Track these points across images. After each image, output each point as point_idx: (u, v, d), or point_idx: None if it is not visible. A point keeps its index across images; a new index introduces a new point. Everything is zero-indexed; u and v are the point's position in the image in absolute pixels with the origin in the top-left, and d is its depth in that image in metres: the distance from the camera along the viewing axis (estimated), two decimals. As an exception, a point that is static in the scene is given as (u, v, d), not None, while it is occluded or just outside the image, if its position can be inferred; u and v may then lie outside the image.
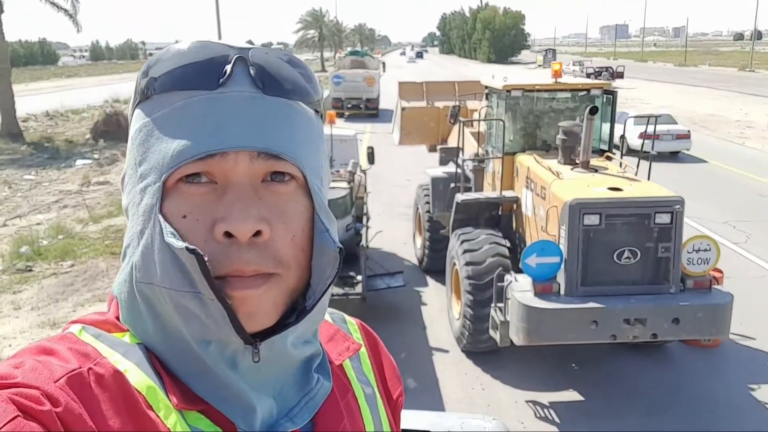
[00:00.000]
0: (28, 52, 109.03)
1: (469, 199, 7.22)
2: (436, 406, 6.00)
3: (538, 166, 6.51)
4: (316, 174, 0.67)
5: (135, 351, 0.64)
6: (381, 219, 11.36)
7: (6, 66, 22.11)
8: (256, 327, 0.62)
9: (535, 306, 5.32)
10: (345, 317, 0.88)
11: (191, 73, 0.62)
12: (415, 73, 61.34)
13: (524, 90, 7.06)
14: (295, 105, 0.66)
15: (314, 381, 0.70)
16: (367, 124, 25.11)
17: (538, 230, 6.33)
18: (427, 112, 10.73)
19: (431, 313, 7.99)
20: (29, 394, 0.54)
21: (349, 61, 30.97)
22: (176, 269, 0.60)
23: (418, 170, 15.25)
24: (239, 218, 0.59)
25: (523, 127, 7.25)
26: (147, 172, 0.63)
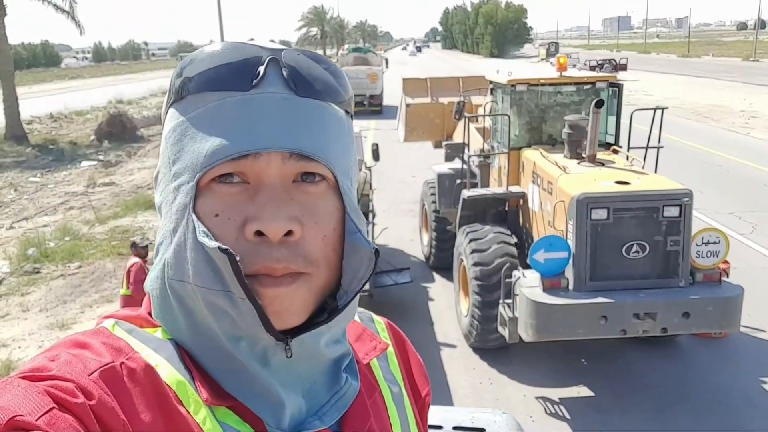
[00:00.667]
0: (31, 54, 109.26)
1: (476, 195, 7.17)
2: (444, 402, 6.01)
3: (544, 160, 6.45)
4: (346, 174, 0.68)
5: (166, 346, 0.65)
6: (387, 216, 11.36)
7: (9, 68, 22.18)
8: (285, 325, 0.63)
9: (544, 302, 5.27)
10: (373, 316, 0.89)
11: (225, 74, 0.63)
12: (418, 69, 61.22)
13: (529, 84, 6.99)
14: (326, 106, 0.67)
15: (343, 380, 0.71)
16: (372, 120, 25.08)
17: (546, 225, 6.28)
18: (432, 108, 10.67)
19: (439, 308, 7.99)
20: (64, 386, 0.56)
21: (351, 58, 30.92)
22: (208, 268, 0.61)
23: (423, 166, 15.24)
24: (271, 218, 0.61)
25: (528, 121, 7.18)
26: (181, 171, 0.64)
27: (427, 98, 11.01)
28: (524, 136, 7.18)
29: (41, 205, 13.09)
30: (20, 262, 9.13)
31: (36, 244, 9.71)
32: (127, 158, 18.73)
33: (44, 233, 10.51)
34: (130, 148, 19.97)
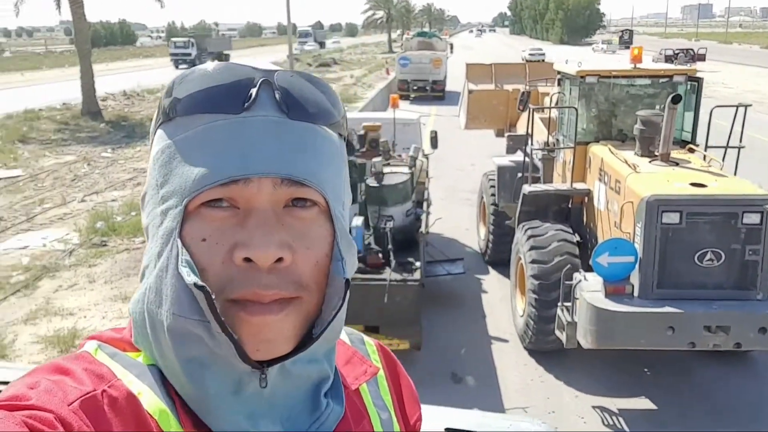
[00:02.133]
0: (109, 33, 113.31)
1: (538, 190, 6.88)
2: (493, 397, 5.95)
3: (612, 157, 6.12)
4: (338, 199, 0.67)
5: (149, 373, 0.64)
6: (443, 204, 11.27)
7: (87, 47, 23.04)
8: (273, 353, 0.62)
9: (606, 308, 4.99)
10: (363, 338, 0.86)
11: (216, 95, 0.62)
12: (483, 55, 60.31)
13: (600, 76, 6.64)
14: (319, 129, 0.65)
15: (324, 405, 0.68)
16: (433, 106, 24.91)
17: (611, 226, 5.98)
18: (496, 95, 10.36)
19: (492, 301, 7.90)
20: (43, 417, 0.54)
21: (416, 42, 30.75)
22: (187, 297, 0.59)
23: (483, 154, 15.03)
24: (261, 244, 0.59)
25: (597, 115, 6.85)
26: (168, 194, 0.63)
27: (491, 85, 10.71)
28: (592, 131, 6.85)
29: (111, 179, 13.61)
30: (89, 234, 9.52)
31: (104, 217, 10.10)
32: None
33: (112, 207, 10.92)
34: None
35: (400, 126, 8.42)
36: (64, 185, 13.09)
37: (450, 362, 6.48)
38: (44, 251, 8.98)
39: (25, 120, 21.46)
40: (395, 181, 6.49)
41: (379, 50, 68.52)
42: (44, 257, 8.69)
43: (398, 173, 6.69)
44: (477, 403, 5.84)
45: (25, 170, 14.48)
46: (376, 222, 6.40)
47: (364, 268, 5.92)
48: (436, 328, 7.06)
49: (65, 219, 10.61)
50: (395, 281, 5.80)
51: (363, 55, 61.43)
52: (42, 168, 14.81)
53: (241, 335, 0.60)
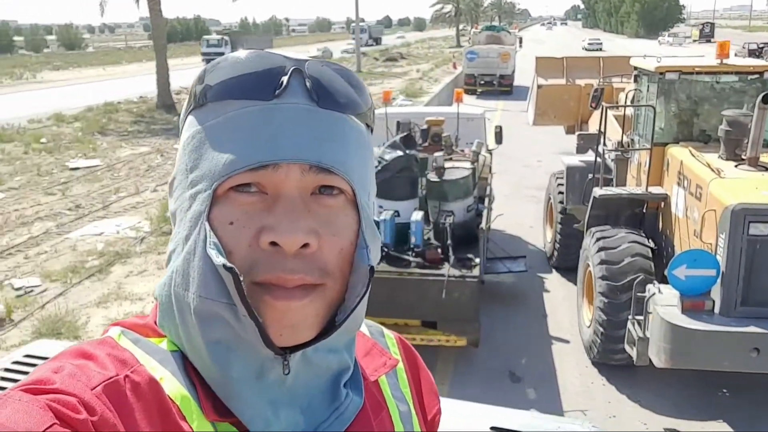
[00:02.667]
0: (184, 29, 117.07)
1: (609, 194, 6.43)
2: (551, 398, 5.82)
3: (694, 160, 5.70)
4: (364, 188, 0.67)
5: (171, 358, 0.65)
6: (507, 201, 11.11)
7: (163, 42, 23.89)
8: (297, 340, 0.62)
9: (683, 325, 4.60)
10: (384, 331, 0.87)
11: (247, 82, 0.63)
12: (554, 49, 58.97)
13: (681, 72, 6.20)
14: (347, 119, 0.66)
15: (344, 395, 0.69)
16: (500, 101, 24.58)
17: (690, 235, 5.58)
18: (567, 90, 9.97)
19: (554, 300, 7.73)
20: (66, 401, 0.55)
21: (484, 36, 30.39)
22: (215, 279, 0.60)
23: (550, 151, 14.73)
24: (288, 230, 0.60)
25: (677, 114, 6.39)
26: (198, 179, 0.63)
27: (562, 79, 10.29)
28: (671, 131, 6.41)
29: (182, 170, 14.07)
30: (159, 223, 9.87)
31: (174, 207, 10.45)
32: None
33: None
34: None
35: (463, 120, 8.33)
36: (138, 175, 13.63)
37: (508, 361, 6.39)
38: (117, 238, 9.37)
39: (104, 112, 22.47)
40: (456, 176, 6.43)
41: (446, 44, 68.08)
42: (117, 244, 9.07)
43: (460, 168, 6.62)
44: (534, 404, 5.73)
45: (103, 160, 15.14)
46: (436, 217, 6.36)
47: (423, 263, 5.90)
48: (495, 325, 6.96)
49: (138, 207, 11.04)
50: (454, 277, 5.74)
51: (430, 50, 61.19)
52: (118, 158, 15.46)
53: (265, 320, 0.60)
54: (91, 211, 10.82)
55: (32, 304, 7.15)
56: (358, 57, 38.30)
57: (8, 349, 5.97)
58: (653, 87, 6.45)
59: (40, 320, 6.57)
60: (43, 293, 7.45)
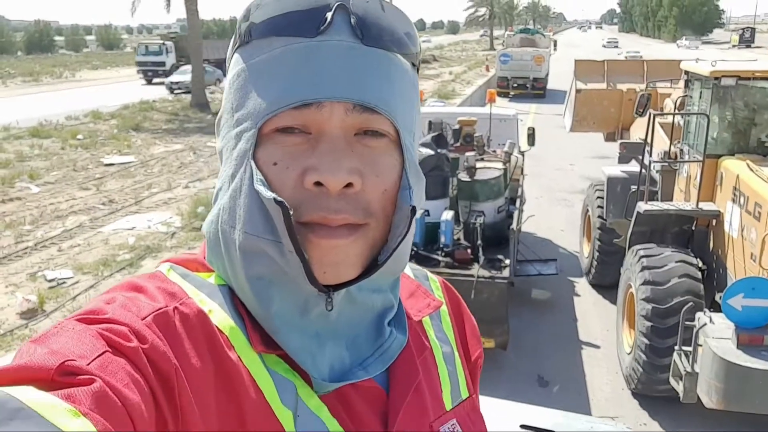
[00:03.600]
0: (220, 29, 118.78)
1: (655, 209, 5.96)
2: (580, 404, 5.70)
3: (752, 175, 5.25)
4: (408, 130, 0.66)
5: (219, 292, 0.66)
6: (539, 203, 10.97)
7: (198, 42, 24.21)
8: (340, 278, 0.63)
9: (738, 363, 4.07)
10: (428, 274, 0.87)
11: (291, 19, 0.62)
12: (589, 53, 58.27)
13: (739, 77, 5.71)
14: (392, 57, 0.65)
15: (387, 333, 0.70)
16: (533, 104, 24.34)
17: (746, 258, 5.15)
18: (607, 95, 9.46)
19: (584, 305, 7.60)
20: (118, 330, 0.56)
21: (518, 39, 30.19)
22: (261, 216, 0.61)
23: (583, 155, 14.54)
24: (331, 169, 0.60)
25: (733, 123, 5.93)
26: (243, 117, 0.64)
27: (603, 83, 9.75)
28: (726, 142, 5.93)
29: (214, 168, 14.19)
30: (190, 218, 9.97)
31: (205, 203, 10.53)
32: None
33: (213, 194, 11.37)
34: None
35: (496, 121, 8.24)
36: (170, 172, 13.80)
37: (537, 364, 6.28)
38: (149, 232, 9.49)
39: (139, 110, 22.86)
40: (487, 177, 6.34)
41: (480, 47, 67.77)
42: (148, 238, 9.17)
43: (491, 168, 6.53)
44: (563, 408, 5.58)
45: (137, 157, 15.38)
46: (466, 217, 6.28)
47: (452, 263, 5.83)
48: (524, 328, 6.86)
49: (169, 203, 11.17)
50: (483, 278, 5.66)
51: (463, 52, 60.99)
52: (152, 155, 15.68)
53: (310, 257, 0.60)
54: (124, 206, 10.98)
55: (64, 295, 7.26)
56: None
57: (40, 338, 6.05)
58: (707, 93, 5.99)
59: (71, 311, 6.66)
60: (75, 285, 7.57)
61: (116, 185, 12.54)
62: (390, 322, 0.70)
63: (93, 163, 14.58)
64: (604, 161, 13.54)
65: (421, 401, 0.71)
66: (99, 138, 17.74)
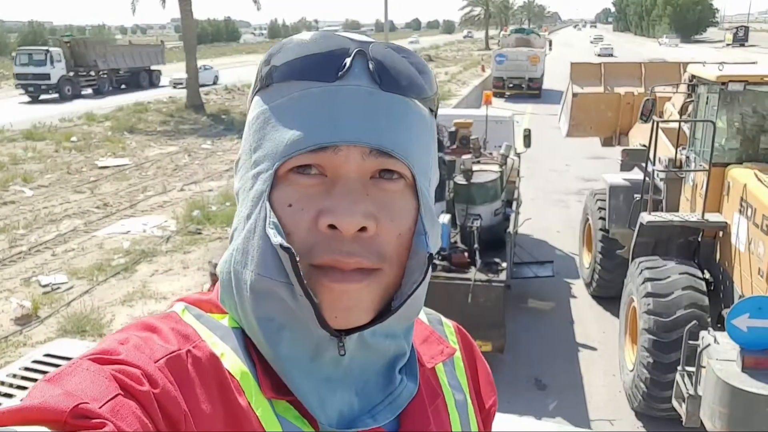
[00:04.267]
0: (215, 30, 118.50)
1: (660, 221, 5.74)
2: (578, 406, 5.69)
3: (759, 185, 5.03)
4: (424, 174, 0.67)
5: (232, 335, 0.66)
6: (534, 204, 10.95)
7: (193, 43, 24.15)
8: (351, 323, 0.62)
9: (744, 388, 3.83)
10: (442, 319, 0.87)
11: (311, 64, 0.63)
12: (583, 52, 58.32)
13: (747, 82, 5.46)
14: (410, 102, 0.66)
15: (398, 381, 0.69)
16: (528, 104, 24.34)
17: (754, 274, 4.93)
18: (605, 99, 9.23)
19: (581, 307, 7.59)
20: (131, 372, 0.57)
21: (513, 39, 30.18)
22: (274, 258, 0.61)
23: (579, 156, 14.54)
24: (346, 212, 0.60)
25: (741, 130, 5.69)
26: (261, 159, 0.65)
27: (600, 87, 9.53)
28: (734, 149, 5.71)
29: (209, 170, 14.15)
30: (185, 222, 9.93)
31: (200, 206, 10.50)
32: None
33: (208, 197, 11.34)
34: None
35: (492, 123, 8.22)
36: (165, 174, 13.75)
37: (534, 367, 6.27)
38: (144, 236, 9.44)
39: (134, 112, 22.78)
40: (484, 180, 6.33)
41: (475, 47, 67.76)
42: (143, 242, 9.13)
43: (488, 171, 6.52)
44: (561, 412, 5.60)
45: (132, 159, 15.32)
46: (463, 220, 6.27)
47: (449, 266, 5.81)
48: (521, 331, 6.85)
49: (164, 207, 11.12)
50: (480, 281, 5.65)
51: (459, 52, 60.98)
52: (147, 158, 15.62)
53: (321, 301, 0.61)
54: (119, 210, 10.93)
55: (58, 301, 7.21)
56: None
57: (33, 346, 6.02)
58: (713, 99, 5.75)
59: (66, 317, 6.62)
60: (69, 290, 7.53)
61: (111, 188, 12.48)
62: (401, 369, 0.70)
63: (87, 166, 14.52)
64: (599, 162, 13.56)
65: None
66: (93, 140, 17.67)
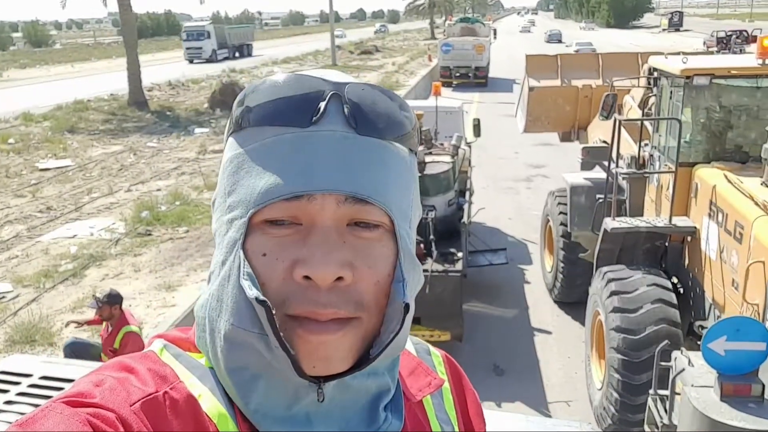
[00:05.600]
0: (155, 24, 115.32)
1: (625, 227, 5.33)
2: (535, 390, 5.83)
3: (730, 188, 4.67)
4: (404, 217, 0.65)
5: (210, 375, 0.65)
6: (485, 193, 11.11)
7: (133, 38, 23.45)
8: (330, 371, 0.61)
9: (723, 420, 3.41)
10: (430, 349, 0.85)
11: (284, 108, 0.62)
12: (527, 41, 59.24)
13: (714, 76, 5.10)
14: (388, 145, 0.64)
15: (382, 419, 0.67)
16: (475, 93, 24.60)
17: (726, 284, 4.59)
18: (562, 92, 8.89)
19: (535, 293, 7.76)
20: (105, 416, 0.56)
21: (458, 28, 30.42)
22: (248, 309, 0.60)
23: (527, 142, 14.78)
24: (321, 263, 0.59)
25: (707, 127, 5.33)
26: (235, 204, 0.63)
27: (557, 80, 9.12)
28: (700, 148, 5.33)
29: (156, 169, 13.82)
30: (134, 223, 9.68)
31: (149, 207, 10.25)
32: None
33: (157, 197, 11.09)
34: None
35: (442, 114, 8.29)
36: (111, 175, 13.37)
37: (492, 354, 6.39)
38: (92, 240, 9.16)
39: (74, 111, 22.02)
40: (437, 171, 6.39)
41: (421, 36, 67.98)
42: (91, 246, 8.86)
43: (440, 162, 6.58)
44: (519, 396, 5.74)
45: (74, 160, 14.83)
46: (417, 212, 6.30)
47: (405, 258, 5.84)
48: (478, 319, 6.96)
49: (112, 208, 10.82)
50: (437, 272, 5.71)
51: (405, 42, 61.08)
52: (90, 158, 15.15)
53: (298, 352, 0.60)
54: (63, 213, 10.58)
55: (4, 311, 6.95)
56: (333, 51, 38.07)
57: (-20, 359, 5.78)
58: (677, 93, 5.39)
59: (13, 327, 6.39)
60: (15, 299, 7.26)
61: (54, 191, 12.06)
62: (386, 406, 0.68)
63: (27, 169, 13.99)
64: (547, 148, 13.83)
65: None
66: (32, 141, 17.02)
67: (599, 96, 6.94)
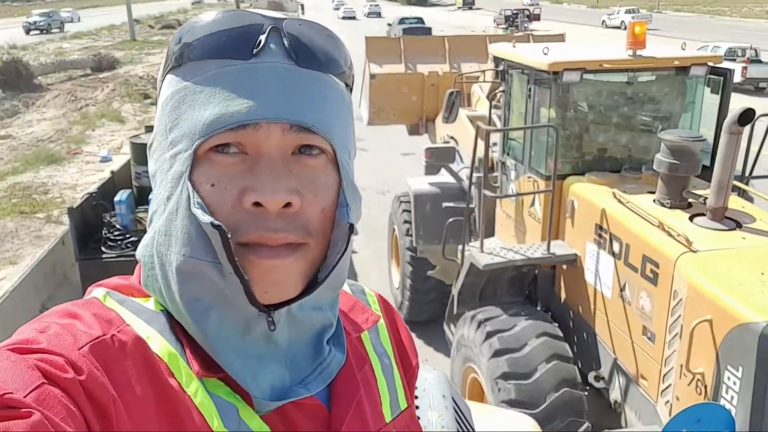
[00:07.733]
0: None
1: (498, 263, 4.25)
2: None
3: (625, 212, 3.79)
4: (345, 148, 0.68)
5: (158, 318, 0.65)
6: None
7: None
8: (281, 297, 0.63)
9: None
10: (365, 289, 0.89)
11: (225, 41, 0.63)
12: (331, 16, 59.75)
13: (585, 70, 4.18)
14: (327, 78, 0.66)
15: (326, 351, 0.71)
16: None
17: (634, 333, 3.72)
18: (406, 79, 7.92)
19: (362, 261, 7.94)
20: (54, 361, 0.55)
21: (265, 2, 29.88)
22: (199, 238, 0.61)
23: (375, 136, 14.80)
24: (270, 189, 0.60)
25: (576, 132, 4.49)
26: (178, 139, 0.63)
27: (400, 65, 8.12)
28: (572, 157, 4.47)
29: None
30: None
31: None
32: (24, 108, 17.47)
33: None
34: (28, 97, 18.61)
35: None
36: None
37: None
38: None
39: None
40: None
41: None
42: None
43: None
44: None
45: None
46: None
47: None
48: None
49: None
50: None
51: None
52: None
53: (251, 278, 0.61)
54: None
55: None
56: (131, 25, 35.48)
57: None
58: (544, 93, 4.41)
59: None
60: None
61: None
62: (329, 340, 0.71)
63: None
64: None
65: (363, 416, 0.73)
66: None
67: (447, 84, 6.36)
